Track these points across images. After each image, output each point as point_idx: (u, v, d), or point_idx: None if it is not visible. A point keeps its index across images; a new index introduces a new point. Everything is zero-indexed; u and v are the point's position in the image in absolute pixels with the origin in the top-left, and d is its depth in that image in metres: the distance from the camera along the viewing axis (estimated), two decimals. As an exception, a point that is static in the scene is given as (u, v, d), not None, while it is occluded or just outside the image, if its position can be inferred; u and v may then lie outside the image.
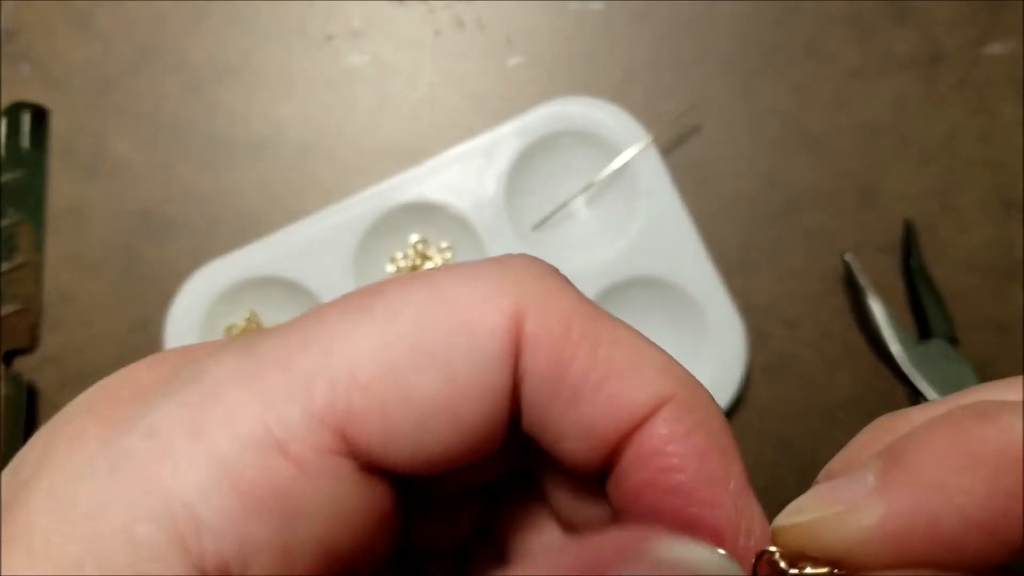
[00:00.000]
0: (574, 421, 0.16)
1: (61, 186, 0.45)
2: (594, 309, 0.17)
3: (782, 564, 0.15)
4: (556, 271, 0.17)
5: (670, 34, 0.45)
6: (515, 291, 0.16)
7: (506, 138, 0.42)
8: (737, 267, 0.44)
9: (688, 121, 0.44)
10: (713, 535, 0.16)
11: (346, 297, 0.16)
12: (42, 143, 0.46)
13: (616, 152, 0.42)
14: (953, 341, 0.43)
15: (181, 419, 0.14)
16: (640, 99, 0.45)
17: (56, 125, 0.46)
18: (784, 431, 0.43)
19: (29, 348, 0.44)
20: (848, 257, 0.43)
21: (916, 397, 0.43)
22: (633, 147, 0.42)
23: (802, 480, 0.49)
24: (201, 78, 0.46)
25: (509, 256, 0.17)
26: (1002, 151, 0.45)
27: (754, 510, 0.17)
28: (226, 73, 0.46)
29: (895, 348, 0.43)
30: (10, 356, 0.44)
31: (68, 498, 0.14)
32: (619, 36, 0.45)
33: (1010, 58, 0.45)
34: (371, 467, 0.15)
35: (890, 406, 0.47)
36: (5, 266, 0.45)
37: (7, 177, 0.45)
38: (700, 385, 0.17)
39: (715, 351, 0.41)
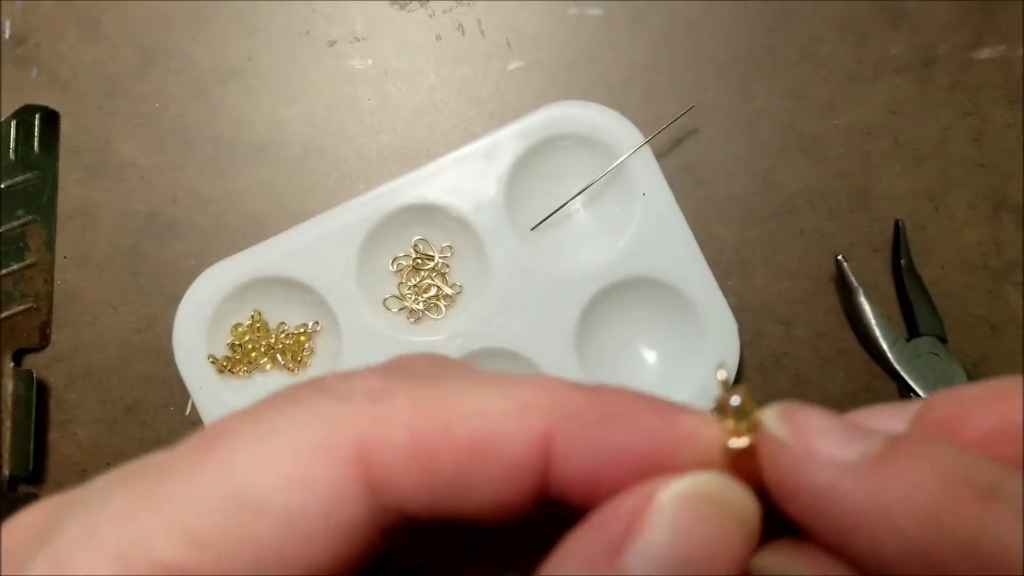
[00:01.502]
0: (479, 506, 0.16)
1: (69, 188, 0.46)
2: (439, 391, 0.17)
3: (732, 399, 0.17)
4: (394, 376, 0.17)
5: (667, 38, 0.46)
6: (350, 428, 0.16)
7: (506, 141, 0.43)
8: (732, 267, 0.45)
9: (684, 123, 0.45)
10: (675, 461, 0.16)
11: (191, 441, 0.17)
12: (52, 145, 0.46)
13: (614, 155, 0.42)
14: (942, 340, 0.44)
15: None
16: (638, 102, 0.45)
17: (64, 128, 0.47)
18: (778, 428, 0.44)
19: (39, 346, 0.45)
20: (840, 257, 0.44)
21: (907, 394, 0.44)
22: (630, 149, 0.42)
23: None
24: (206, 81, 0.46)
25: (344, 384, 0.17)
26: (993, 153, 0.45)
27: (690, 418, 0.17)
28: (230, 76, 0.46)
29: (886, 347, 0.43)
30: (20, 354, 0.45)
31: None
32: (617, 40, 0.46)
33: (1001, 62, 0.46)
34: None
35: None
36: (16, 266, 0.46)
37: (18, 179, 0.46)
38: (576, 388, 0.17)
39: (710, 350, 0.42)
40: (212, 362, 0.43)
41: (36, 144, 0.46)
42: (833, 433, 0.16)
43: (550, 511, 0.17)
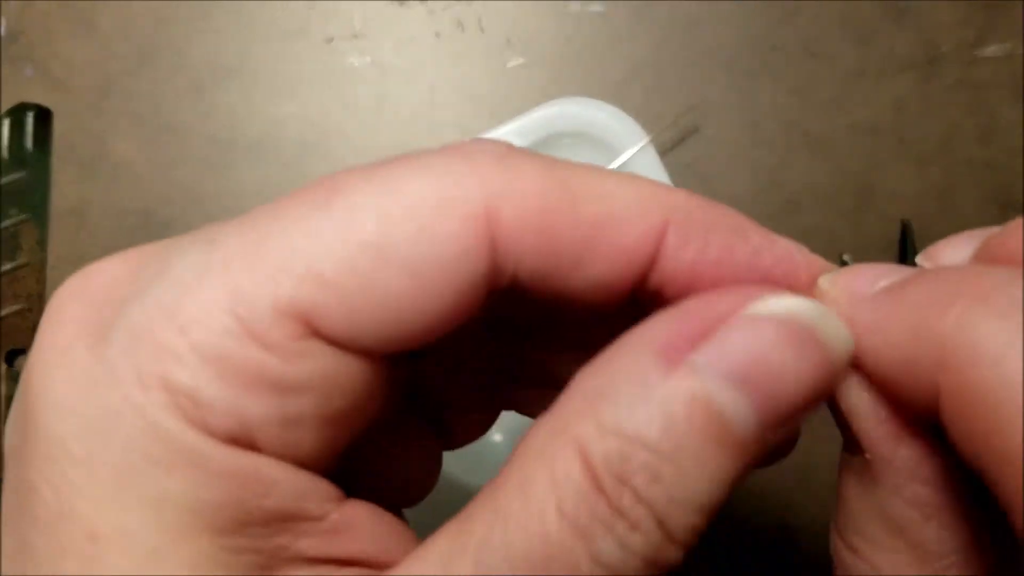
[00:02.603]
0: (585, 283, 0.17)
1: (62, 186, 0.46)
2: (565, 170, 0.17)
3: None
4: (513, 148, 0.17)
5: (670, 35, 0.46)
6: (480, 188, 0.16)
7: (506, 139, 0.42)
8: (736, 267, 0.44)
9: (687, 122, 0.45)
10: (787, 283, 0.17)
11: (304, 191, 0.16)
12: (45, 144, 0.46)
13: (616, 153, 0.42)
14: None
15: (159, 317, 0.15)
16: (640, 100, 0.45)
17: (57, 126, 0.46)
18: (782, 430, 0.43)
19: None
20: (846, 258, 0.43)
21: (914, 397, 0.43)
22: (632, 147, 0.42)
23: (803, 481, 0.50)
24: (202, 79, 0.46)
25: (468, 147, 0.17)
26: (1000, 152, 0.45)
27: (806, 254, 0.18)
28: (226, 74, 0.46)
29: (893, 348, 0.43)
30: (12, 355, 0.44)
31: (76, 410, 0.15)
32: (619, 37, 0.46)
33: (1008, 59, 0.45)
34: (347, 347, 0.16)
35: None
36: (8, 266, 0.45)
37: (11, 178, 0.45)
38: (692, 195, 0.17)
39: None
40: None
41: (29, 142, 0.46)
42: (864, 274, 0.17)
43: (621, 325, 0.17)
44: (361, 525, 0.17)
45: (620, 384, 0.15)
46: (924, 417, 0.15)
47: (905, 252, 0.44)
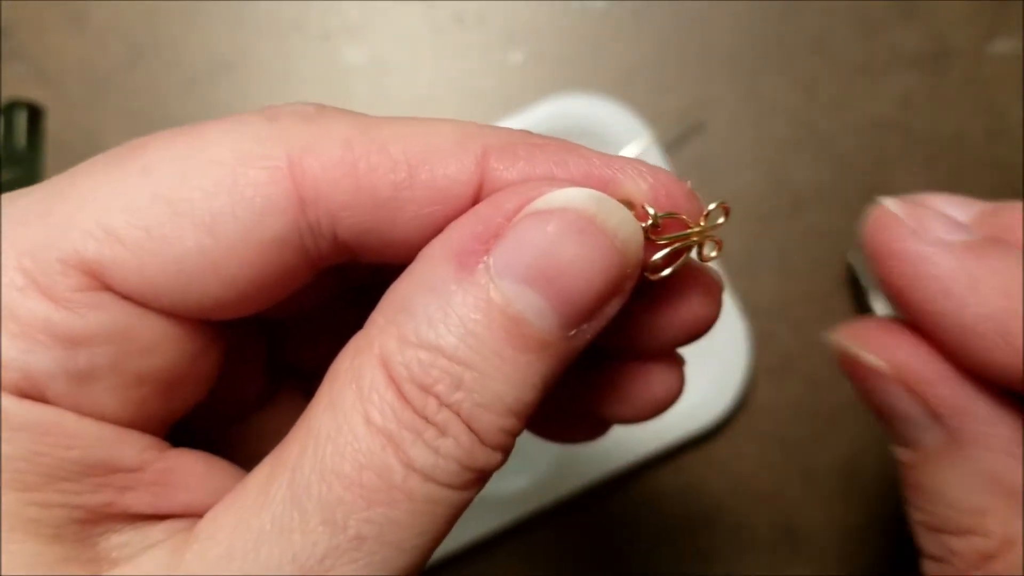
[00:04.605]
0: (415, 225, 0.16)
1: (56, 185, 0.45)
2: (372, 119, 0.17)
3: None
4: (324, 107, 0.17)
5: (673, 30, 0.45)
6: (282, 141, 0.16)
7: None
8: (740, 266, 0.43)
9: (692, 119, 0.44)
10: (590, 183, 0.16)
11: (109, 152, 0.16)
12: (38, 141, 0.45)
13: (618, 149, 0.41)
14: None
15: None
16: (643, 96, 0.44)
17: (50, 123, 0.45)
18: (788, 432, 0.43)
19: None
20: (850, 256, 0.43)
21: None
22: (635, 144, 0.41)
23: (807, 482, 0.49)
24: (196, 75, 0.45)
25: (275, 108, 0.17)
26: (1008, 149, 0.44)
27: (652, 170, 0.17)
28: (221, 70, 0.45)
29: (900, 349, 0.42)
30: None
31: None
32: (621, 32, 0.45)
33: (1016, 56, 0.44)
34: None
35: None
36: None
37: (3, 176, 0.45)
38: (515, 129, 0.17)
39: (719, 352, 0.41)
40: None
41: (23, 140, 0.45)
42: (942, 219, 0.18)
43: None
44: (191, 475, 0.17)
45: (419, 294, 0.15)
46: (999, 380, 0.16)
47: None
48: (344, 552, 0.14)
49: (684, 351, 0.42)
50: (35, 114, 0.45)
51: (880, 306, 0.42)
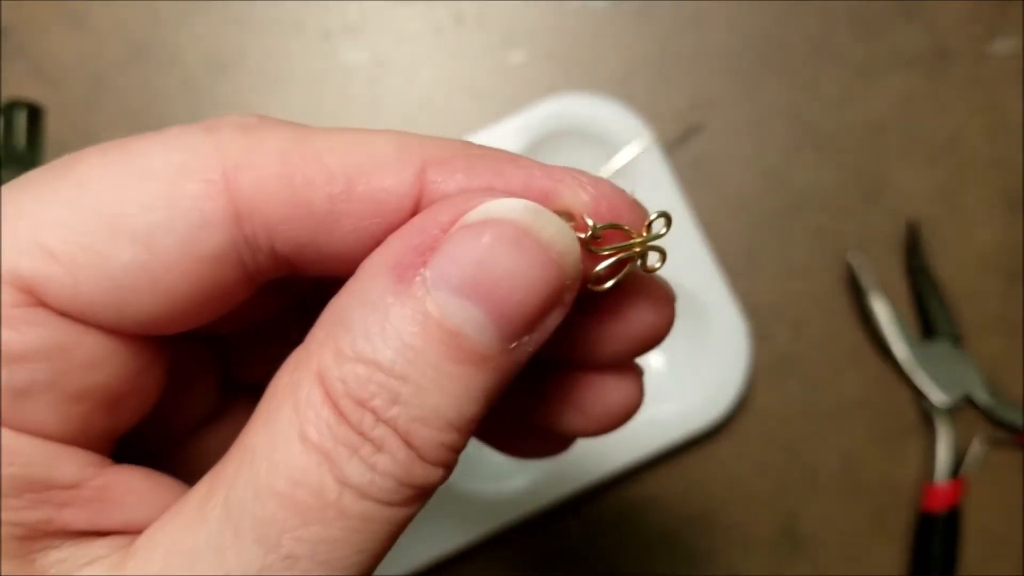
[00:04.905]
0: (353, 237, 0.16)
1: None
2: (310, 131, 0.16)
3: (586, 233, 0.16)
4: (265, 118, 0.17)
5: (673, 30, 0.45)
6: (219, 153, 0.16)
7: (506, 136, 0.41)
8: (741, 267, 0.43)
9: (691, 119, 0.44)
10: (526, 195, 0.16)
11: (46, 166, 0.16)
12: (38, 141, 0.45)
13: (618, 149, 0.41)
14: (956, 341, 0.42)
15: None
16: (642, 96, 0.44)
17: (50, 122, 0.45)
18: (788, 433, 0.43)
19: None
20: (850, 257, 0.43)
21: (920, 398, 0.42)
22: (635, 145, 0.41)
23: (808, 481, 0.49)
24: (195, 75, 0.45)
25: (212, 121, 0.17)
26: (1008, 149, 0.44)
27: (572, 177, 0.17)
28: (221, 70, 0.45)
29: (898, 348, 0.42)
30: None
31: None
32: (621, 32, 0.45)
33: (1016, 56, 0.44)
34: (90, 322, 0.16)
35: (894, 407, 0.47)
36: None
37: (3, 176, 0.45)
38: (454, 140, 0.17)
39: (719, 352, 0.41)
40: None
41: (22, 140, 0.45)
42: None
43: None
44: (132, 491, 0.17)
45: (356, 308, 0.15)
46: None
47: (912, 252, 0.43)
48: (278, 571, 0.14)
49: (683, 347, 0.42)
50: (35, 114, 0.45)
51: (880, 306, 0.42)
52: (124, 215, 0.15)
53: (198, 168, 0.15)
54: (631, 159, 0.41)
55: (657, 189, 0.41)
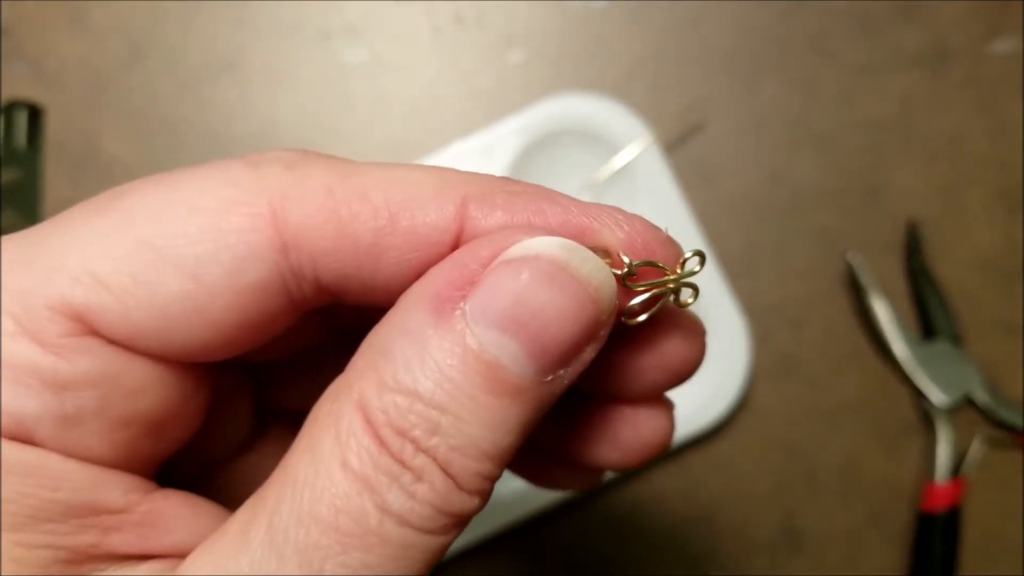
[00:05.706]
0: (396, 270, 0.17)
1: (54, 184, 0.45)
2: (354, 165, 0.17)
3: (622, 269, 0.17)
4: (307, 153, 0.17)
5: (673, 30, 0.45)
6: (264, 188, 0.16)
7: (506, 135, 0.41)
8: (741, 267, 0.43)
9: (690, 119, 0.44)
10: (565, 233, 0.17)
11: (93, 198, 0.17)
12: (38, 141, 0.45)
13: (617, 149, 0.41)
14: (956, 341, 0.42)
15: None
16: (642, 96, 0.44)
17: (50, 123, 0.45)
18: (788, 433, 0.43)
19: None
20: (850, 257, 0.42)
21: (920, 398, 0.42)
22: (635, 144, 0.41)
23: (808, 482, 0.49)
24: (196, 75, 0.45)
25: (256, 156, 0.17)
26: (1008, 150, 0.44)
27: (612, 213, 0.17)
28: (221, 70, 0.45)
29: (898, 348, 0.42)
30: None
31: None
32: (621, 32, 0.45)
33: (1016, 56, 0.44)
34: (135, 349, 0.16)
35: (894, 407, 0.47)
36: None
37: (3, 176, 0.45)
38: (493, 176, 0.18)
39: (719, 352, 0.41)
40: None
41: (22, 140, 0.45)
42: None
43: None
44: (176, 516, 0.17)
45: (397, 339, 0.15)
46: None
47: (912, 252, 0.43)
48: None
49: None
50: (35, 114, 0.45)
51: (880, 306, 0.42)
52: (172, 246, 0.15)
53: (243, 202, 0.16)
54: (631, 159, 0.41)
55: (657, 189, 0.41)
